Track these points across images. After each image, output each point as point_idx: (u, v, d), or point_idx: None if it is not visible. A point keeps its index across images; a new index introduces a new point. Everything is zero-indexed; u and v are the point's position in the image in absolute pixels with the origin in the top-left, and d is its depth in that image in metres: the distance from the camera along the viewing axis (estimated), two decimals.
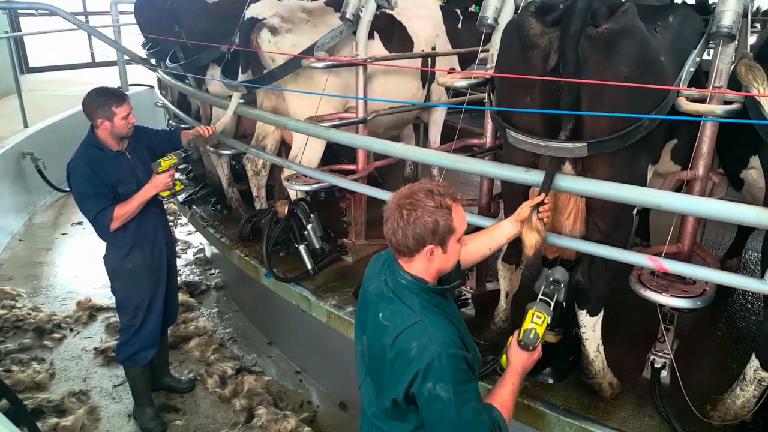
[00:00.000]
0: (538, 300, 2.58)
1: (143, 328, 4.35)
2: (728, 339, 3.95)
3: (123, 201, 3.97)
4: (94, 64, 14.73)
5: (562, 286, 2.66)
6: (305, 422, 4.63)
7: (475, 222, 3.40)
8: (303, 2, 5.06)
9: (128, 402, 4.83)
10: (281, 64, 4.40)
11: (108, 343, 5.60)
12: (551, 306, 2.56)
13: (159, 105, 8.20)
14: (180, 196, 6.42)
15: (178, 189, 4.23)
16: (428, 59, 5.32)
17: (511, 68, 2.71)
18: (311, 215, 4.74)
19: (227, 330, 6.09)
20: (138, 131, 4.19)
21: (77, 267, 7.30)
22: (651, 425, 3.11)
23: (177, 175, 4.22)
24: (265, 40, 4.52)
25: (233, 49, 4.94)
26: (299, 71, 4.45)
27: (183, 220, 8.32)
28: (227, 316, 6.38)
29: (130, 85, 10.81)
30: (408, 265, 2.26)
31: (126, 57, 8.47)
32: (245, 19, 4.63)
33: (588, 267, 3.06)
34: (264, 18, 4.57)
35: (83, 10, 14.99)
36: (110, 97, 3.89)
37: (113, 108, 3.87)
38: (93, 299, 6.39)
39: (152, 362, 4.57)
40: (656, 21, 2.89)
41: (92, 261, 6.75)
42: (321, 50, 4.33)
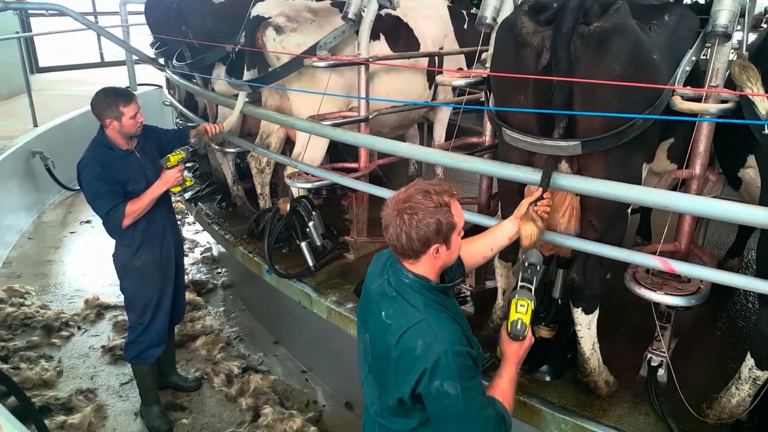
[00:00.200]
0: (518, 287, 2.58)
1: (151, 326, 4.39)
2: (728, 339, 3.94)
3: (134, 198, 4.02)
4: (103, 64, 14.85)
5: (539, 268, 2.65)
6: (311, 422, 4.65)
7: (475, 220, 3.41)
8: (308, 2, 5.11)
9: (135, 400, 4.87)
10: (284, 64, 4.44)
11: (115, 341, 5.66)
12: (532, 291, 2.56)
13: (167, 104, 8.27)
14: (186, 194, 6.50)
15: (189, 185, 4.26)
16: (435, 59, 5.33)
17: (505, 67, 2.72)
18: (313, 213, 4.77)
19: (234, 329, 6.13)
20: (147, 130, 4.24)
21: (85, 265, 7.36)
22: (647, 423, 3.11)
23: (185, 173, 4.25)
24: (271, 39, 4.56)
25: (238, 49, 4.98)
26: (303, 70, 4.48)
27: (190, 219, 8.35)
28: (234, 315, 6.41)
29: (139, 85, 10.90)
30: (413, 266, 2.28)
31: (135, 57, 8.54)
32: (251, 18, 4.68)
33: (583, 265, 3.06)
34: (270, 17, 4.61)
35: (93, 11, 15.10)
36: (118, 97, 3.93)
37: (121, 107, 3.91)
38: (101, 297, 6.44)
39: (159, 361, 4.60)
40: (652, 20, 2.88)
41: (100, 259, 6.85)
42: (323, 50, 4.36)
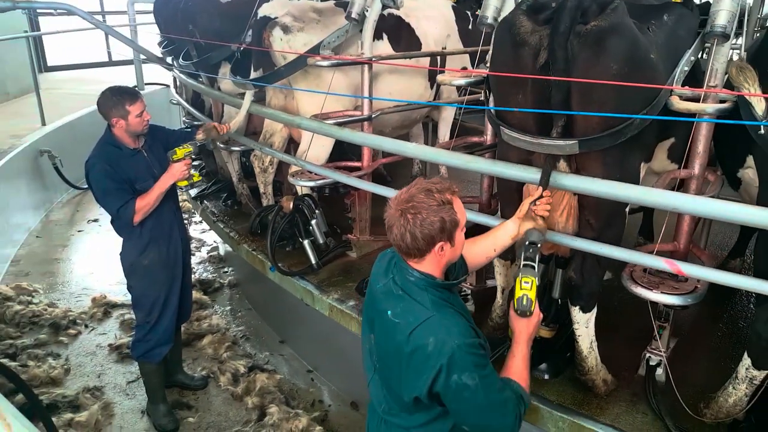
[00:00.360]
0: (522, 266, 2.60)
1: (158, 325, 4.41)
2: (729, 339, 3.93)
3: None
4: (111, 63, 14.96)
5: (539, 246, 2.67)
6: (316, 421, 4.67)
7: (476, 220, 3.42)
8: (313, 2, 5.13)
9: (142, 398, 4.89)
10: (287, 63, 4.46)
11: (122, 340, 5.70)
12: (535, 268, 2.58)
13: (174, 103, 8.32)
14: (192, 190, 6.55)
15: (196, 179, 4.27)
16: (437, 59, 5.35)
17: (504, 66, 2.73)
18: (316, 211, 4.79)
19: (240, 328, 6.15)
20: (154, 130, 4.28)
21: (93, 264, 7.40)
22: (644, 422, 3.12)
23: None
24: (277, 39, 4.58)
25: (243, 48, 5.01)
26: (308, 70, 4.50)
27: (197, 218, 8.40)
28: (240, 314, 6.44)
29: (146, 84, 10.99)
30: (418, 264, 2.30)
31: (142, 56, 8.59)
32: (258, 18, 4.71)
33: (581, 264, 3.07)
34: (276, 17, 4.64)
35: (101, 10, 15.17)
36: (123, 96, 3.97)
37: (127, 106, 3.95)
38: (108, 296, 6.48)
39: (166, 359, 4.62)
40: (650, 20, 2.88)
41: (107, 258, 6.93)
42: (327, 49, 4.38)
